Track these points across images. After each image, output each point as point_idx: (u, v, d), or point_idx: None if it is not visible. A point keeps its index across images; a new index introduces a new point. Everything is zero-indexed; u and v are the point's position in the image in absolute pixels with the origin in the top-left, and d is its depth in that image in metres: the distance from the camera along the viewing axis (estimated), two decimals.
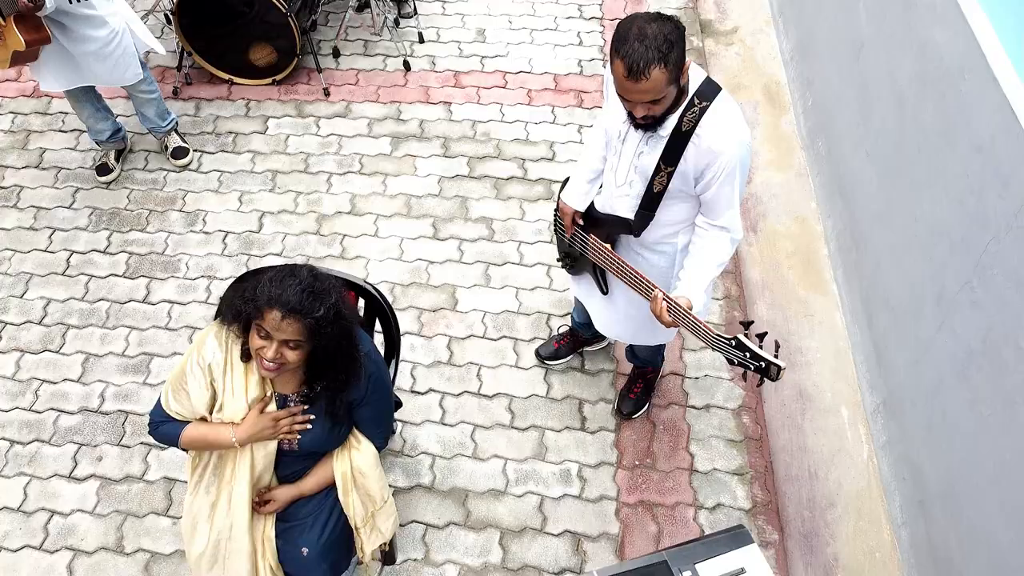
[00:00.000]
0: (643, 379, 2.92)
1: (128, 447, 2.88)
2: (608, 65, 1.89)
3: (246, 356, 1.90)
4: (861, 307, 3.14)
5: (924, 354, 2.62)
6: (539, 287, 3.30)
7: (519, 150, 3.80)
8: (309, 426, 1.96)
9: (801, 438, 2.95)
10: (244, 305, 1.76)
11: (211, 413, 1.96)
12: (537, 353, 3.08)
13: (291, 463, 2.09)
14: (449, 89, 4.09)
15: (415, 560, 2.63)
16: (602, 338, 3.07)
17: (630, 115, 1.93)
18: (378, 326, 2.37)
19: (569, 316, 3.11)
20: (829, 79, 3.69)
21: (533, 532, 2.68)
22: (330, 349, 1.80)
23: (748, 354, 1.87)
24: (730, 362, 1.97)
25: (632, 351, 2.85)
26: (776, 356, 1.84)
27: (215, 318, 1.93)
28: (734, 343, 1.90)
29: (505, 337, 3.16)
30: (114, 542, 2.67)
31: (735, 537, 1.70)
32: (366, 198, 3.62)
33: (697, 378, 3.05)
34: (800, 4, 4.13)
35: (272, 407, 1.96)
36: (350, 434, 2.10)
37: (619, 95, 1.86)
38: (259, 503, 2.10)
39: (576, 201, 2.35)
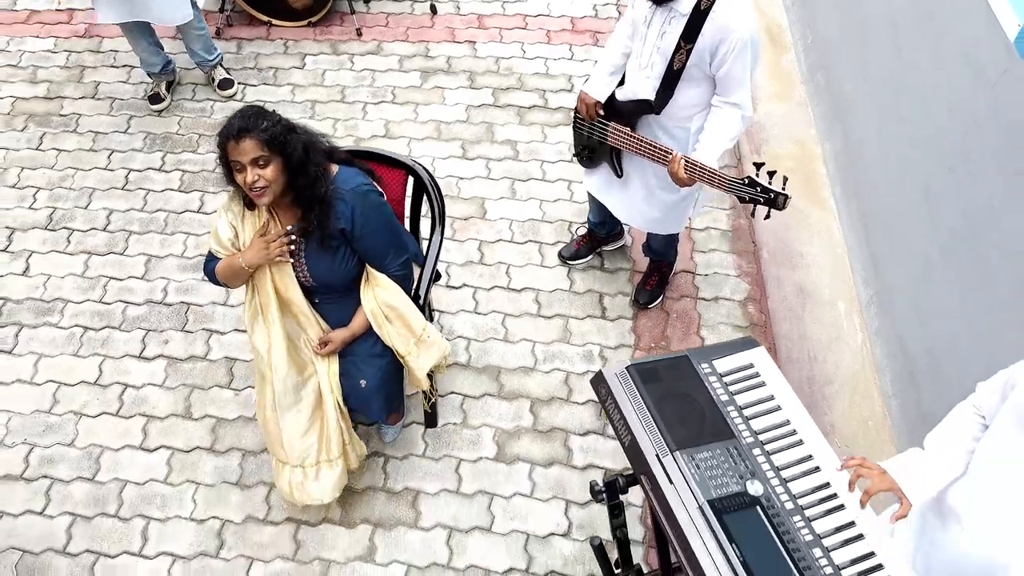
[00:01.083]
0: (658, 272, 3.21)
1: (191, 332, 3.18)
2: None
3: (250, 205, 2.25)
4: (857, 215, 3.43)
5: (913, 240, 2.92)
6: (561, 199, 3.60)
7: (540, 82, 4.09)
8: (292, 247, 2.25)
9: (801, 327, 3.25)
10: (219, 158, 2.12)
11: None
12: (560, 254, 3.37)
13: (330, 305, 2.41)
14: (473, 30, 4.38)
15: (454, 424, 2.92)
16: (617, 238, 3.37)
17: None
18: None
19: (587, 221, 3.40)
20: (828, 18, 3.98)
21: (560, 401, 2.98)
22: (296, 160, 2.11)
23: (759, 189, 2.17)
24: (742, 200, 2.27)
25: (648, 245, 3.15)
26: (783, 188, 2.14)
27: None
28: (747, 182, 2.20)
29: (531, 241, 3.45)
30: (183, 409, 2.97)
31: (745, 342, 1.99)
32: (399, 124, 3.91)
33: (707, 275, 3.34)
34: None
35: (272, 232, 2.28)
36: (370, 275, 2.39)
37: None
38: (321, 345, 2.40)
39: (598, 92, 2.64)
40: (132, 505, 2.74)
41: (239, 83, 4.10)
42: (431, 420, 2.88)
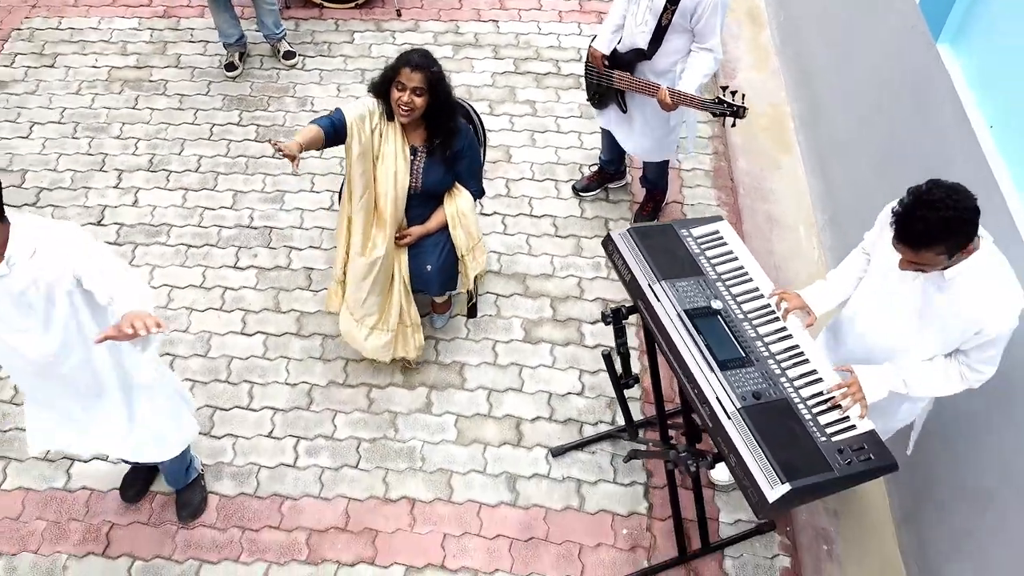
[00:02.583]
0: (652, 201, 3.96)
1: (275, 248, 3.92)
2: None
3: (389, 116, 2.95)
4: (817, 158, 4.18)
5: (855, 166, 3.66)
6: (573, 147, 4.35)
7: (554, 54, 4.85)
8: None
9: (769, 245, 3.99)
10: (387, 72, 2.86)
11: (341, 142, 2.93)
12: (573, 187, 4.12)
13: (416, 207, 3.13)
14: (496, 11, 5.14)
15: (490, 315, 3.67)
16: (621, 177, 4.11)
17: None
18: None
19: (597, 161, 4.13)
20: (797, 1, 4.74)
21: (574, 299, 3.72)
22: (441, 99, 2.87)
23: (725, 105, 2.93)
24: (713, 114, 3.02)
25: (645, 176, 3.89)
26: (742, 102, 2.90)
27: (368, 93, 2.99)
28: (716, 100, 2.96)
29: (548, 179, 4.20)
30: (272, 305, 3.71)
31: (714, 218, 2.72)
32: None
33: (693, 204, 4.09)
34: None
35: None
36: (454, 188, 3.14)
37: None
38: (399, 238, 3.14)
39: (603, 46, 3.40)
40: (238, 373, 3.48)
41: (299, 55, 4.85)
42: (472, 312, 3.62)
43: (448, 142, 2.99)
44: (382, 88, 2.89)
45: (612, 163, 3.97)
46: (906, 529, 2.99)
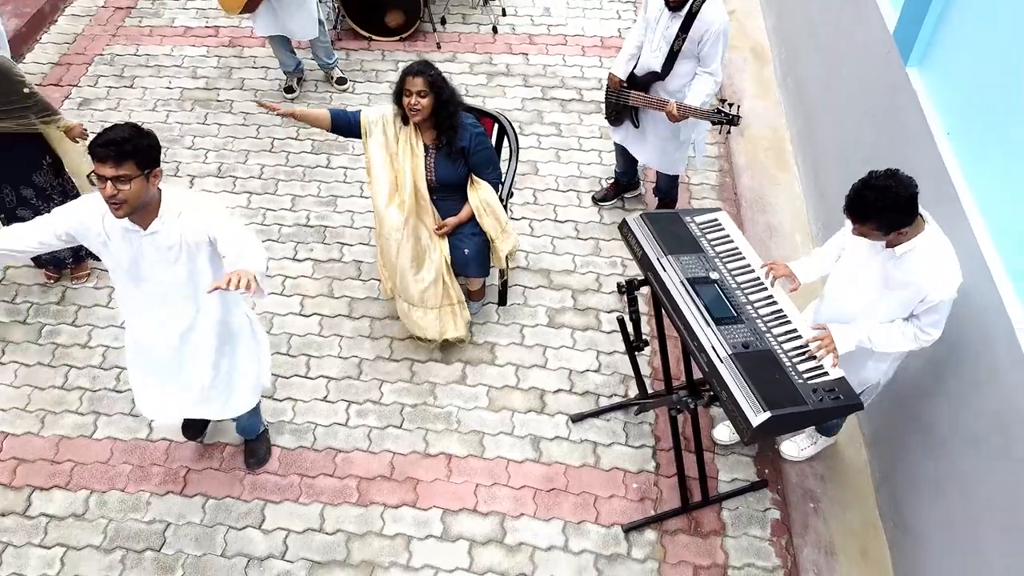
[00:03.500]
0: (664, 209, 4.45)
1: (328, 244, 4.44)
2: None
3: (405, 120, 3.46)
4: (812, 175, 4.67)
5: (841, 168, 4.14)
6: (593, 163, 4.87)
7: (577, 83, 5.40)
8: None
9: (768, 253, 4.46)
10: (397, 86, 3.38)
11: (361, 134, 3.51)
12: (593, 198, 4.62)
13: (444, 201, 3.63)
14: (526, 45, 5.72)
15: (518, 304, 4.15)
16: (635, 187, 4.62)
17: (666, 3, 3.54)
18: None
19: (614, 175, 4.64)
20: (795, 38, 5.28)
21: (592, 291, 4.20)
22: (444, 98, 3.37)
23: (722, 114, 3.44)
24: (713, 123, 3.53)
25: (657, 187, 4.39)
26: (737, 112, 3.41)
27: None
28: (716, 110, 3.47)
29: (571, 190, 4.72)
30: (327, 292, 4.21)
31: (715, 209, 3.22)
32: None
33: None
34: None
35: None
36: (475, 181, 3.62)
37: None
38: (438, 228, 3.64)
39: (620, 72, 3.93)
40: (297, 348, 3.97)
41: (350, 80, 5.43)
42: (502, 300, 4.11)
43: (452, 139, 3.46)
44: (397, 99, 3.42)
45: (626, 174, 4.48)
46: (883, 491, 3.40)
